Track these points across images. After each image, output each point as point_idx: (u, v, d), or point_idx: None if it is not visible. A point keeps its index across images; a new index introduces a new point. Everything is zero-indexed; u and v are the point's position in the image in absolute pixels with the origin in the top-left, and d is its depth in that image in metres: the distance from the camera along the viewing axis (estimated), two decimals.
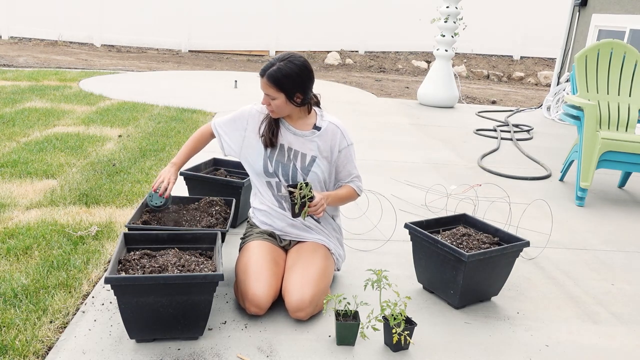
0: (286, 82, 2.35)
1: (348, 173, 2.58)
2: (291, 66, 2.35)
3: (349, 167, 2.58)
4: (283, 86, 2.35)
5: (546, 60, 14.63)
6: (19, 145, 4.63)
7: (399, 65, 13.78)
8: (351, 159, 2.58)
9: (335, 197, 2.51)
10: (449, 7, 8.03)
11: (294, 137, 2.51)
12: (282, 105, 2.40)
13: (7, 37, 13.40)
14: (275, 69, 2.35)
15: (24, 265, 2.62)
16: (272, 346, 2.14)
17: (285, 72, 2.34)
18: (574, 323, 2.49)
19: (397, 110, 7.79)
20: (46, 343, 2.07)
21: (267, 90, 2.39)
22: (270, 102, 2.41)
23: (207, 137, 2.68)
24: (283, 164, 2.49)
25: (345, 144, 2.54)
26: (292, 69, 2.35)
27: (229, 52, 14.18)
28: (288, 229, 2.58)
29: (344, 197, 2.57)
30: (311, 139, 2.50)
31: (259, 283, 2.28)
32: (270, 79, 2.35)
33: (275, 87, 2.36)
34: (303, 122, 2.53)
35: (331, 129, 2.52)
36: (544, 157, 5.58)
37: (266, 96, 2.41)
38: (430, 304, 2.55)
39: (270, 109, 2.44)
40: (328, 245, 2.56)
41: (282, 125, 2.53)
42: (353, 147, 2.58)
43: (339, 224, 2.70)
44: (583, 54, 4.61)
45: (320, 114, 2.56)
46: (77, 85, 7.92)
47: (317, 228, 2.58)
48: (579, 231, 3.66)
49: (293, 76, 2.35)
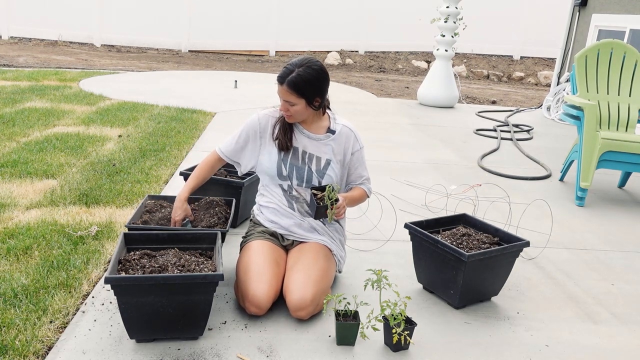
0: (307, 88, 2.35)
1: (359, 175, 2.63)
2: (310, 72, 2.35)
3: (360, 169, 2.62)
4: (304, 92, 2.35)
5: (546, 60, 14.63)
6: (19, 145, 4.63)
7: (399, 65, 13.78)
8: (362, 161, 2.62)
9: (351, 199, 2.55)
10: (449, 7, 8.03)
11: (308, 140, 2.51)
12: (301, 110, 2.40)
13: (7, 37, 13.40)
14: (295, 75, 2.33)
15: (24, 265, 2.62)
16: (272, 346, 2.14)
17: (306, 78, 2.34)
18: (574, 323, 2.49)
19: (397, 110, 7.79)
20: (46, 343, 2.07)
21: (287, 97, 2.37)
22: (289, 108, 2.40)
23: (215, 165, 2.64)
24: (298, 167, 2.49)
25: (358, 147, 2.59)
26: (312, 75, 2.35)
27: (229, 52, 14.18)
28: (294, 229, 2.57)
29: (357, 199, 2.61)
30: (326, 142, 2.51)
31: (260, 283, 2.28)
32: (292, 86, 2.33)
33: (296, 93, 2.35)
34: (317, 126, 2.53)
35: (345, 132, 2.54)
36: (544, 157, 5.58)
37: (285, 102, 2.39)
38: (430, 304, 2.55)
39: (288, 114, 2.43)
40: (330, 247, 2.56)
41: (296, 129, 2.53)
42: (364, 150, 2.63)
43: (342, 226, 2.70)
44: (583, 54, 4.61)
45: (333, 117, 2.57)
46: (77, 85, 7.92)
47: (322, 229, 2.58)
48: (579, 231, 3.66)
49: (313, 81, 2.35)
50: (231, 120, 6.26)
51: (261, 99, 7.82)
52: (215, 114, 6.51)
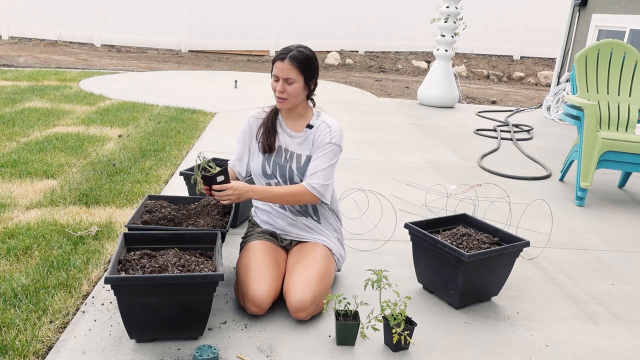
0: (307, 64, 2.38)
1: (313, 168, 2.43)
2: (308, 52, 2.42)
3: (318, 162, 2.43)
4: (304, 68, 2.37)
5: (546, 60, 14.63)
6: (19, 145, 4.63)
7: (399, 65, 13.78)
8: (326, 157, 2.44)
9: (268, 193, 2.40)
10: (449, 7, 8.03)
11: (290, 139, 2.52)
12: (298, 90, 2.39)
13: (7, 37, 13.40)
14: (296, 52, 2.37)
15: (24, 265, 2.62)
16: (272, 346, 2.14)
17: (306, 54, 2.39)
18: (574, 323, 2.49)
19: (397, 110, 7.79)
20: (46, 343, 2.07)
21: (288, 73, 2.36)
22: (286, 89, 2.37)
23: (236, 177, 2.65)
24: (280, 166, 2.50)
25: (328, 140, 2.44)
26: (310, 54, 2.41)
27: (229, 52, 14.18)
28: (289, 228, 2.58)
29: (284, 194, 2.41)
30: (305, 138, 2.50)
31: (260, 283, 2.28)
32: (294, 60, 2.35)
33: (297, 68, 2.36)
34: (301, 123, 2.52)
35: (322, 127, 2.49)
36: (544, 157, 5.58)
37: (283, 81, 2.37)
38: (430, 304, 2.55)
39: (284, 96, 2.39)
40: (329, 246, 2.56)
41: (279, 128, 2.53)
42: (335, 149, 2.45)
43: (339, 224, 2.70)
44: (583, 54, 4.61)
45: (317, 113, 2.55)
46: (77, 85, 7.92)
47: (318, 228, 2.58)
48: (579, 231, 3.66)
49: (312, 60, 2.40)
50: (231, 120, 6.26)
51: (261, 98, 7.81)
52: (216, 114, 6.51)
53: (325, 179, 2.44)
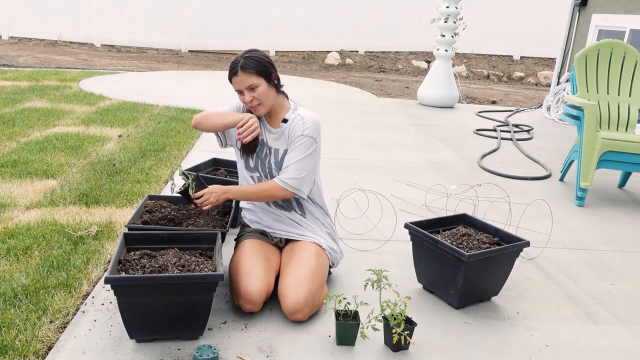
0: (260, 65, 2.39)
1: (286, 162, 2.43)
2: (255, 53, 2.43)
3: (291, 154, 2.42)
4: (260, 70, 2.38)
5: (546, 60, 14.63)
6: (19, 145, 4.63)
7: (399, 65, 13.78)
8: (298, 150, 2.41)
9: (243, 193, 2.48)
10: (449, 7, 8.03)
11: (269, 134, 2.53)
12: (265, 91, 2.40)
13: (7, 37, 13.40)
14: (243, 60, 2.39)
15: (24, 265, 2.62)
16: (272, 346, 2.14)
17: (255, 57, 2.40)
18: (574, 323, 2.49)
19: (397, 110, 7.79)
20: (46, 343, 2.07)
21: (248, 82, 2.38)
22: (254, 96, 2.39)
23: None
24: (261, 160, 2.53)
25: (300, 133, 2.43)
26: (258, 54, 2.43)
27: (229, 52, 14.18)
28: (275, 225, 2.60)
29: (257, 191, 2.45)
30: (282, 132, 2.51)
31: (250, 279, 2.29)
32: (247, 68, 2.37)
33: (253, 73, 2.37)
34: (277, 118, 2.53)
35: (297, 120, 2.48)
36: (544, 157, 5.58)
37: (249, 91, 2.39)
38: (430, 304, 2.55)
39: (256, 102, 2.41)
40: (319, 242, 2.56)
41: (262, 124, 2.54)
42: (308, 141, 2.42)
43: (328, 218, 2.68)
44: (583, 54, 4.61)
45: (294, 107, 2.54)
46: (77, 85, 7.92)
47: (304, 223, 2.59)
48: (579, 231, 3.66)
49: (262, 59, 2.42)
50: None
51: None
52: None
53: (298, 173, 2.42)
